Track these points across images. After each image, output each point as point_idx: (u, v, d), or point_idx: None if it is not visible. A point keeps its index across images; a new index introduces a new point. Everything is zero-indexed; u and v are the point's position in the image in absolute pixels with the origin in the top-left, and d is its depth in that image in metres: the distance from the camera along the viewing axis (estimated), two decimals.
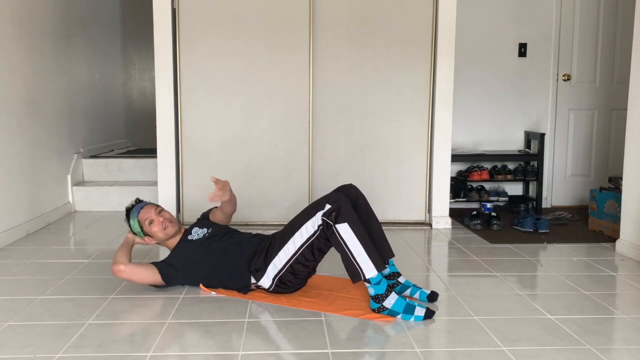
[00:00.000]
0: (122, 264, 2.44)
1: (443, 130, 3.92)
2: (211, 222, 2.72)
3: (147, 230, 2.57)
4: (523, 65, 4.70)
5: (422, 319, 2.22)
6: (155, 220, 2.56)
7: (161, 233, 2.57)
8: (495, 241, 3.56)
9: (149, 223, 2.56)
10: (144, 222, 2.56)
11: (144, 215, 2.57)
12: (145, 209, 2.59)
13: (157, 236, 2.58)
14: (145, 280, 2.48)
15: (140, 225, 2.57)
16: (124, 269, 2.43)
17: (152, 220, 2.56)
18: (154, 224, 2.56)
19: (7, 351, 1.93)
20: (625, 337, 2.08)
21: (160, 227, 2.56)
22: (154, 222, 2.56)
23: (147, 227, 2.56)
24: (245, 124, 3.90)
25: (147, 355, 1.90)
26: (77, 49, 4.67)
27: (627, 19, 4.66)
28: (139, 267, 2.48)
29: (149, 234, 2.58)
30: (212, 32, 3.82)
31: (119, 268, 2.43)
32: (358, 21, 3.86)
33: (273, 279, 2.41)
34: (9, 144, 3.44)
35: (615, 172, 4.75)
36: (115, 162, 4.79)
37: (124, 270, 2.43)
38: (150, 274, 2.47)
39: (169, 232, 2.58)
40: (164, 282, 2.50)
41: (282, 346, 1.98)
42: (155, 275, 2.48)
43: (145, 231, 2.58)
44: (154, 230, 2.56)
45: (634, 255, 3.18)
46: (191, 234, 2.63)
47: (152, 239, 2.61)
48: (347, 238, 2.22)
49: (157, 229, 2.56)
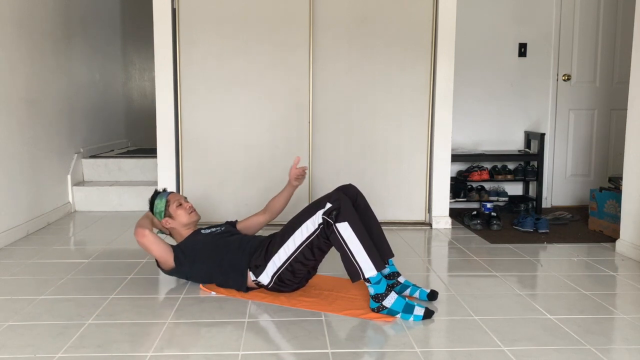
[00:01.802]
0: (148, 230, 2.50)
1: (443, 130, 3.93)
2: (225, 224, 2.80)
3: (172, 211, 2.63)
4: (523, 65, 4.70)
5: (421, 318, 2.22)
6: (183, 204, 2.67)
7: (185, 217, 2.64)
8: (495, 241, 3.56)
9: (177, 205, 2.65)
10: (172, 203, 2.65)
11: (174, 197, 2.68)
12: (174, 194, 2.72)
13: (180, 219, 2.64)
14: (159, 253, 2.52)
15: (166, 205, 2.63)
16: (148, 234, 2.49)
17: (181, 203, 2.67)
18: (182, 206, 2.66)
19: (7, 351, 1.93)
20: (625, 337, 2.08)
21: (187, 211, 2.65)
22: (183, 205, 2.67)
23: (174, 208, 2.64)
24: (245, 124, 3.90)
25: (147, 355, 1.90)
26: (77, 49, 4.67)
27: (627, 19, 4.66)
28: (160, 239, 2.54)
29: (171, 216, 2.64)
30: (212, 32, 3.82)
31: (144, 233, 2.48)
32: (358, 21, 3.86)
33: (272, 277, 2.41)
34: (9, 144, 3.45)
35: (615, 172, 4.75)
36: (115, 162, 4.79)
37: (147, 236, 2.49)
38: (167, 250, 2.53)
39: (193, 218, 2.66)
40: (173, 264, 2.54)
41: (282, 346, 1.98)
42: (169, 254, 2.53)
43: (170, 212, 2.63)
44: (179, 212, 2.63)
45: (634, 255, 3.18)
46: (204, 229, 2.71)
47: (169, 222, 2.64)
48: (347, 237, 2.23)
49: (183, 212, 2.64)
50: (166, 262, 2.54)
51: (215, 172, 3.91)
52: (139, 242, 2.51)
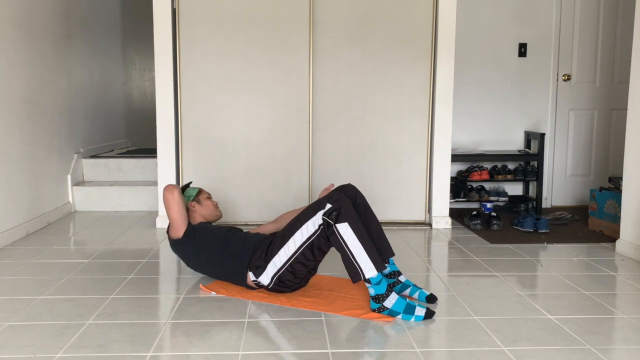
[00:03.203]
0: (177, 190, 2.59)
1: (443, 130, 3.93)
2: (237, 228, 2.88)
3: (202, 199, 2.77)
4: (523, 65, 4.70)
5: (423, 319, 2.22)
6: (212, 199, 2.83)
7: (211, 208, 2.78)
8: (495, 241, 3.56)
9: (207, 197, 2.80)
10: (204, 194, 2.80)
11: (205, 191, 2.83)
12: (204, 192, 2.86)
13: (206, 209, 2.76)
14: (177, 215, 2.59)
15: (198, 192, 2.78)
16: (177, 193, 2.58)
17: (210, 197, 2.82)
18: (211, 200, 2.80)
19: (7, 351, 1.93)
20: (625, 337, 2.08)
21: (214, 205, 2.80)
22: (211, 199, 2.82)
23: (205, 198, 2.78)
24: (245, 124, 3.90)
25: (147, 355, 1.90)
26: (77, 49, 4.67)
27: (627, 19, 4.66)
28: (183, 204, 2.63)
29: (200, 203, 2.76)
30: (212, 32, 3.82)
31: (174, 190, 2.57)
32: (358, 21, 3.86)
33: (272, 277, 2.41)
34: (9, 144, 3.45)
35: (615, 172, 4.75)
36: (115, 162, 4.79)
37: (175, 195, 2.57)
38: (184, 217, 2.62)
39: (217, 213, 2.80)
40: (182, 234, 2.60)
41: (282, 346, 1.98)
42: (183, 222, 2.62)
43: (200, 199, 2.77)
44: (207, 203, 2.78)
45: (634, 255, 3.18)
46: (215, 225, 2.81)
47: (194, 207, 2.74)
48: (347, 238, 2.23)
49: (211, 204, 2.79)
50: (178, 229, 2.61)
51: (216, 172, 3.90)
52: (165, 197, 2.58)
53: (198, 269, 2.68)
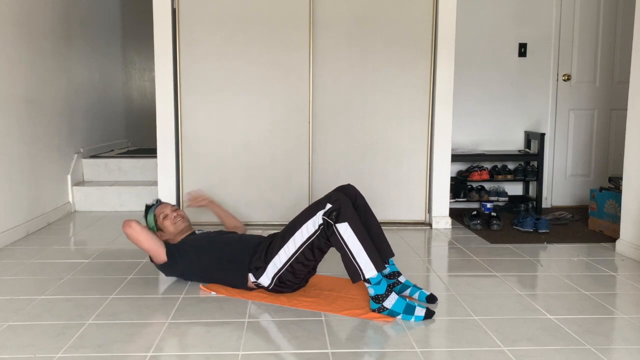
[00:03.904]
0: (134, 221, 2.53)
1: (443, 130, 3.93)
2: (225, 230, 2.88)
3: (160, 223, 2.72)
4: (523, 65, 4.70)
5: (422, 319, 2.22)
6: (169, 215, 2.74)
7: (172, 227, 2.71)
8: (495, 241, 3.56)
9: (163, 217, 2.73)
10: (159, 216, 2.73)
11: (160, 210, 2.75)
12: (162, 206, 2.79)
13: (168, 230, 2.72)
14: (148, 244, 2.54)
15: (155, 220, 2.72)
16: (135, 225, 2.52)
17: (167, 215, 2.74)
18: (167, 218, 2.73)
19: (7, 351, 1.93)
20: (625, 337, 2.08)
21: (171, 222, 2.72)
22: (168, 216, 2.73)
23: (161, 220, 2.72)
24: (245, 124, 3.90)
25: (147, 355, 1.90)
26: (77, 49, 4.67)
27: (627, 19, 4.66)
28: (147, 230, 2.57)
29: (162, 228, 2.73)
30: (212, 32, 3.82)
31: (130, 223, 2.52)
32: (358, 21, 3.86)
33: (272, 278, 2.41)
34: (9, 144, 3.45)
35: (615, 172, 4.75)
36: (115, 162, 4.79)
37: (133, 227, 2.51)
38: (156, 243, 2.56)
39: (179, 227, 2.72)
40: (165, 257, 2.56)
41: (282, 346, 1.98)
42: (159, 247, 2.56)
43: (159, 225, 2.72)
44: (166, 224, 2.71)
45: (634, 255, 3.18)
46: (200, 231, 2.80)
47: (162, 235, 2.71)
48: (347, 238, 2.23)
49: (169, 223, 2.72)
50: (158, 255, 2.57)
51: (216, 172, 3.90)
52: (126, 235, 2.53)
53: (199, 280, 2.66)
